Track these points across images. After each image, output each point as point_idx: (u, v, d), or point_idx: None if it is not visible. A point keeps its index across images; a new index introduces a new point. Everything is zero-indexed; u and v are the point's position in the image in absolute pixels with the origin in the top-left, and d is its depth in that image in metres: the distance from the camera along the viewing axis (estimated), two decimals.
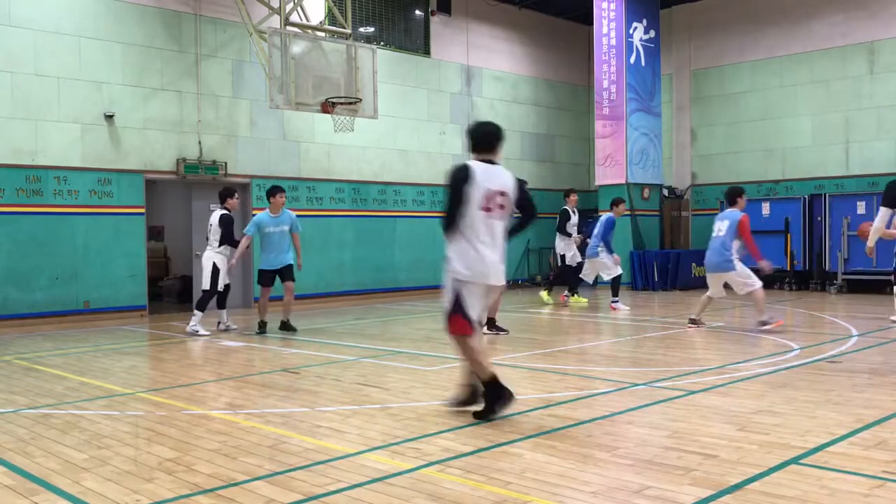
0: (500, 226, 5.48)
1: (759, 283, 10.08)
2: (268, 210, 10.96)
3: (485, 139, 5.56)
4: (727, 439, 4.82)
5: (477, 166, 5.41)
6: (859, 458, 4.38)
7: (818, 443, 4.68)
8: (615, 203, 13.64)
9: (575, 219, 14.25)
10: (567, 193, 14.54)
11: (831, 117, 17.34)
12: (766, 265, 10.30)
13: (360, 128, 14.55)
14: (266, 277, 10.90)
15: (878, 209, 10.48)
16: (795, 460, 4.35)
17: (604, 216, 13.64)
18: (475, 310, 5.45)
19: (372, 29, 16.41)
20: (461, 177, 5.34)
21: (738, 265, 10.05)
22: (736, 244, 10.25)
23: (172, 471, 4.38)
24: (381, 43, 16.39)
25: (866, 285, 15.40)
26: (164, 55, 13.45)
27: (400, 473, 4.25)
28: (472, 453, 4.61)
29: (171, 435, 5.21)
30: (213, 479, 4.23)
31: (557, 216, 14.43)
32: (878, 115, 16.70)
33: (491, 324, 9.84)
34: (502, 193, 5.43)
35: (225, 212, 11.07)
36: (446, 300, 5.49)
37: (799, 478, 4.07)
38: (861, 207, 15.67)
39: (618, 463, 4.41)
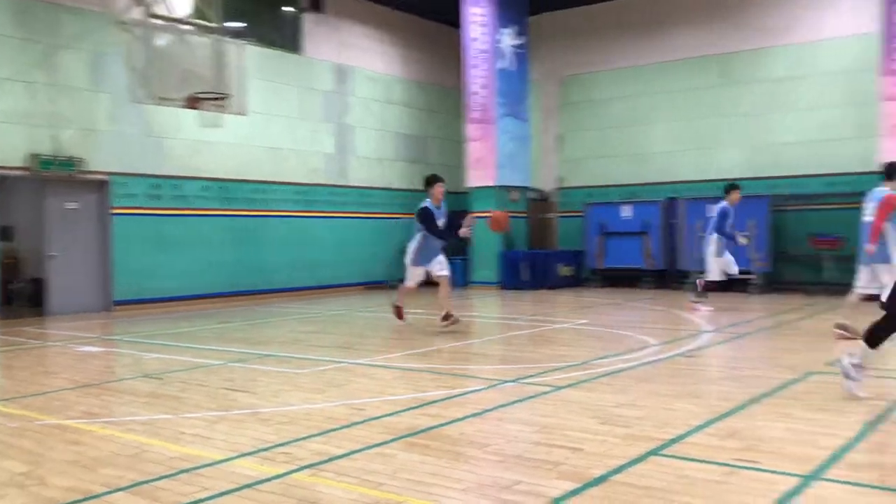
0: None
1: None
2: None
3: None
4: (592, 433, 4.98)
5: None
6: (714, 448, 4.63)
7: (677, 434, 4.92)
8: (728, 190, 12.58)
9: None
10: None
11: (688, 124, 18.30)
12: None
13: (229, 125, 14.15)
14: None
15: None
16: (656, 451, 4.55)
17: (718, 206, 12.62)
18: None
19: (240, 24, 15.96)
20: None
21: None
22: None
23: (24, 485, 4.11)
24: (251, 39, 15.99)
25: (719, 284, 16.29)
26: (12, 43, 12.62)
27: (270, 479, 4.16)
28: (344, 455, 4.56)
29: (23, 447, 4.88)
30: (71, 492, 4.00)
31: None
32: (729, 123, 17.75)
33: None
34: None
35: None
36: None
37: (660, 468, 4.25)
38: (713, 211, 16.51)
39: (489, 459, 4.48)
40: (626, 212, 17.77)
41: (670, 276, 17.47)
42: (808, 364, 7.43)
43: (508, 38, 18.34)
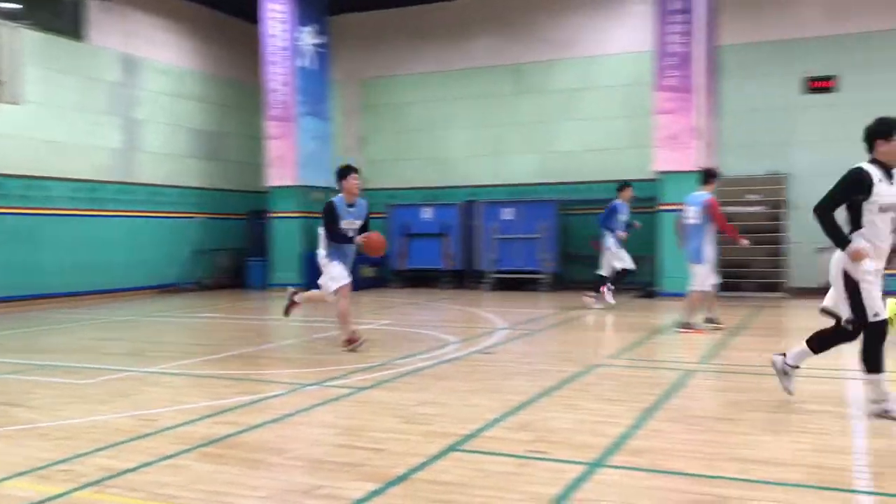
0: None
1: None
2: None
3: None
4: (394, 432, 5.04)
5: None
6: (509, 441, 4.83)
7: (474, 429, 5.08)
8: (621, 188, 13.01)
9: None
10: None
11: (485, 131, 18.98)
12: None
13: (1, 114, 12.93)
14: None
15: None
16: (455, 447, 4.68)
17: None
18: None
19: (14, 5, 14.65)
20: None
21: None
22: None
23: None
24: (27, 22, 14.69)
25: (512, 283, 17.09)
26: None
27: (48, 499, 3.84)
28: (133, 469, 4.31)
29: None
30: None
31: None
32: (523, 130, 18.60)
33: None
34: None
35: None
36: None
37: (459, 463, 4.38)
38: (507, 214, 17.35)
39: (288, 465, 4.40)
40: (427, 214, 18.15)
41: (468, 276, 18.04)
42: (593, 358, 7.94)
43: (308, 37, 18.16)
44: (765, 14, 16.30)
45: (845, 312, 5.40)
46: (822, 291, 14.89)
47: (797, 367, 5.76)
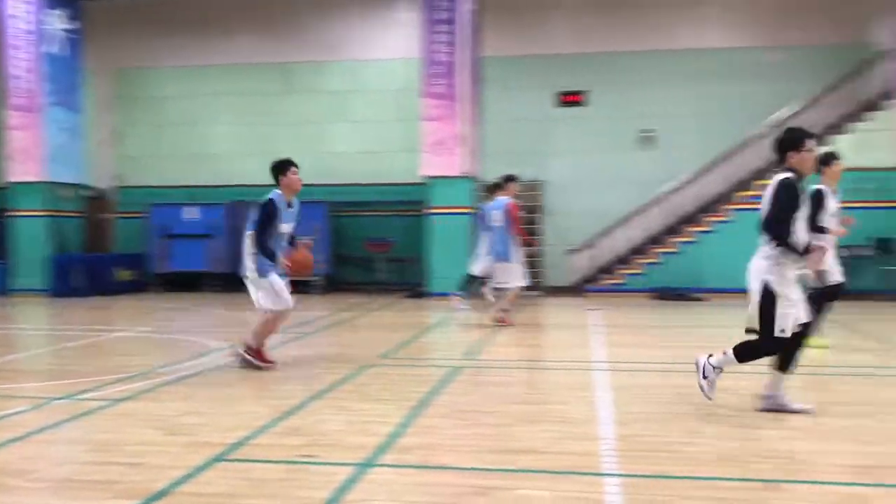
0: None
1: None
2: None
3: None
4: (154, 445, 4.74)
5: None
6: (278, 447, 4.71)
7: (241, 437, 4.90)
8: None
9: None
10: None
11: (252, 129, 18.50)
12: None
13: None
14: None
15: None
16: (221, 457, 4.48)
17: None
18: None
19: None
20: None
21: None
22: None
23: None
24: None
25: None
26: None
27: None
28: None
29: None
30: None
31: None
32: (292, 130, 18.34)
33: None
34: None
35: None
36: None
37: (225, 473, 4.20)
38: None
39: (31, 488, 4.00)
40: (192, 214, 17.35)
41: (237, 278, 17.45)
42: (364, 358, 7.98)
43: (58, 21, 16.72)
44: (523, 30, 17.32)
45: (753, 322, 5.30)
46: (572, 290, 16.14)
47: (720, 369, 5.47)
